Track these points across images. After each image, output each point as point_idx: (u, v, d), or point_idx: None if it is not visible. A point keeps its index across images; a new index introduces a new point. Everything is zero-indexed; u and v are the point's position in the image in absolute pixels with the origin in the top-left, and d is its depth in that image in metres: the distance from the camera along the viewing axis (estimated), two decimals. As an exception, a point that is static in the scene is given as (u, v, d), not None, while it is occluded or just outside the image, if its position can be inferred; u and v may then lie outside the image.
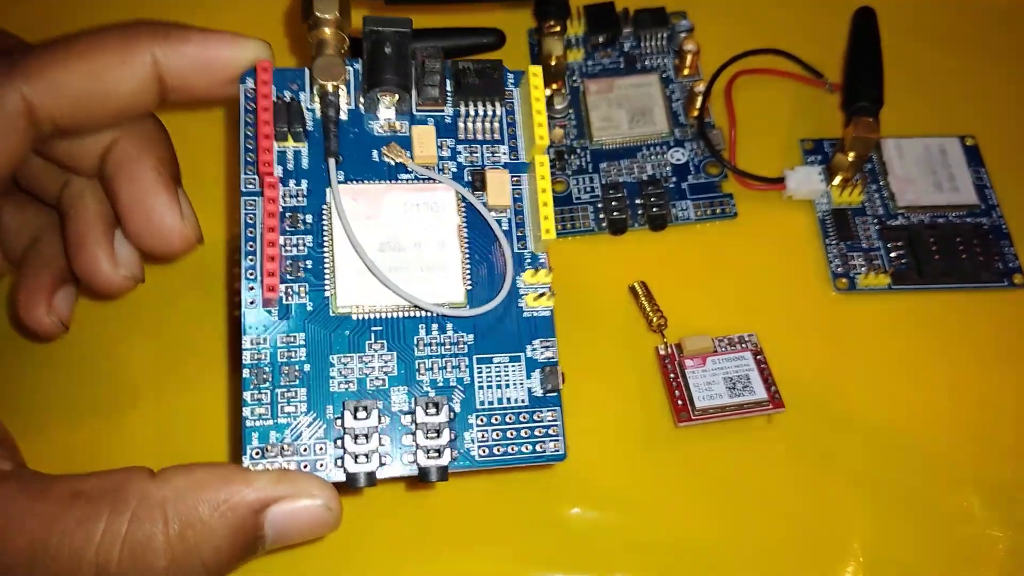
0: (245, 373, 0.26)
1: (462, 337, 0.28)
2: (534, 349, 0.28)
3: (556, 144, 0.43)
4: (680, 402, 0.36)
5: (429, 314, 0.27)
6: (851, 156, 0.39)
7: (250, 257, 0.26)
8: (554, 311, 0.29)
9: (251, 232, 0.27)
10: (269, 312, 0.26)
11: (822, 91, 0.44)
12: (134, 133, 0.29)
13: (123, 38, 0.26)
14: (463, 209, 0.29)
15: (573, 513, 0.35)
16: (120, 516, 0.22)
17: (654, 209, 0.41)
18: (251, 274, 0.26)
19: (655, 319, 0.38)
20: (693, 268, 0.40)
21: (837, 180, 0.41)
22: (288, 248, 0.27)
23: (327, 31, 0.28)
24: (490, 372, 0.28)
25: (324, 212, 0.28)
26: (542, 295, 0.28)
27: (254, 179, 0.27)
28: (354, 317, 0.27)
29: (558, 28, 0.42)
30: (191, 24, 0.27)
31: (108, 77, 0.26)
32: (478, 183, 0.29)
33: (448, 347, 0.28)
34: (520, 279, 0.28)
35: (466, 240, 0.28)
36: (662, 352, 0.37)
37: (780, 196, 0.41)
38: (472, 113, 0.30)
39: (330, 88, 0.28)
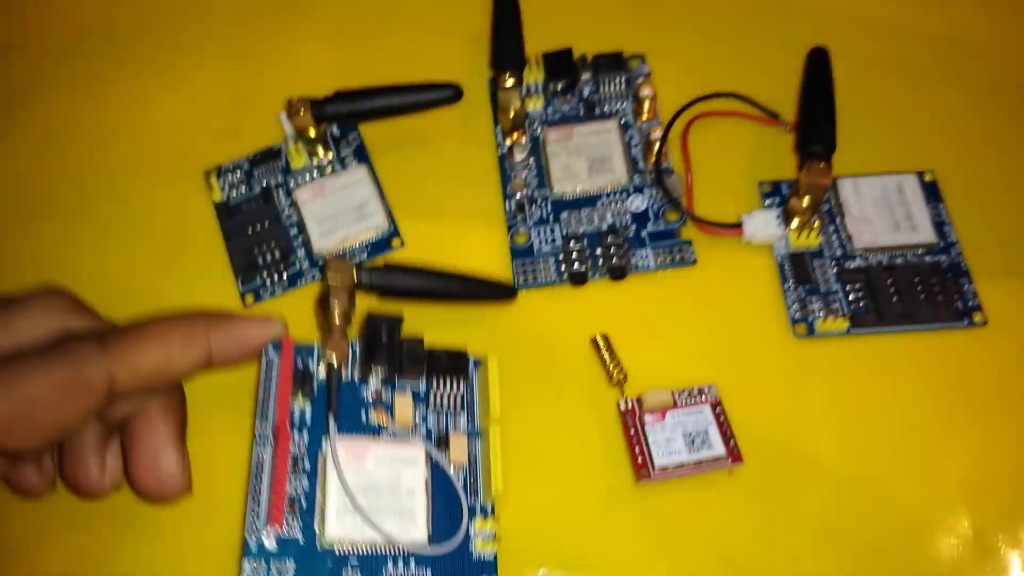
0: None
1: (423, 572, 0.33)
2: None
3: (515, 195, 0.43)
4: (640, 459, 0.36)
5: (396, 551, 0.32)
6: (806, 201, 0.39)
7: (254, 495, 0.31)
8: (498, 551, 0.34)
9: (259, 474, 0.32)
10: (267, 543, 0.31)
11: (780, 131, 0.44)
12: (164, 393, 0.33)
13: (187, 329, 0.32)
14: (430, 464, 0.34)
15: (540, 574, 0.35)
16: None
17: (614, 260, 0.41)
18: (255, 509, 0.31)
19: (615, 374, 0.38)
20: (654, 317, 0.40)
21: (795, 223, 0.41)
22: (288, 489, 0.33)
23: (337, 319, 0.35)
24: None
25: (319, 460, 0.33)
26: (488, 540, 0.34)
27: (267, 431, 0.33)
28: (336, 551, 0.32)
29: (512, 82, 0.42)
30: (231, 309, 0.34)
31: (174, 363, 0.31)
32: (443, 444, 0.35)
33: None
34: (472, 525, 0.34)
35: (431, 490, 0.34)
36: (622, 407, 0.37)
37: (739, 241, 0.41)
38: (441, 387, 0.36)
39: (335, 362, 0.34)
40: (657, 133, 0.43)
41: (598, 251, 0.41)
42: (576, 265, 0.41)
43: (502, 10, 0.45)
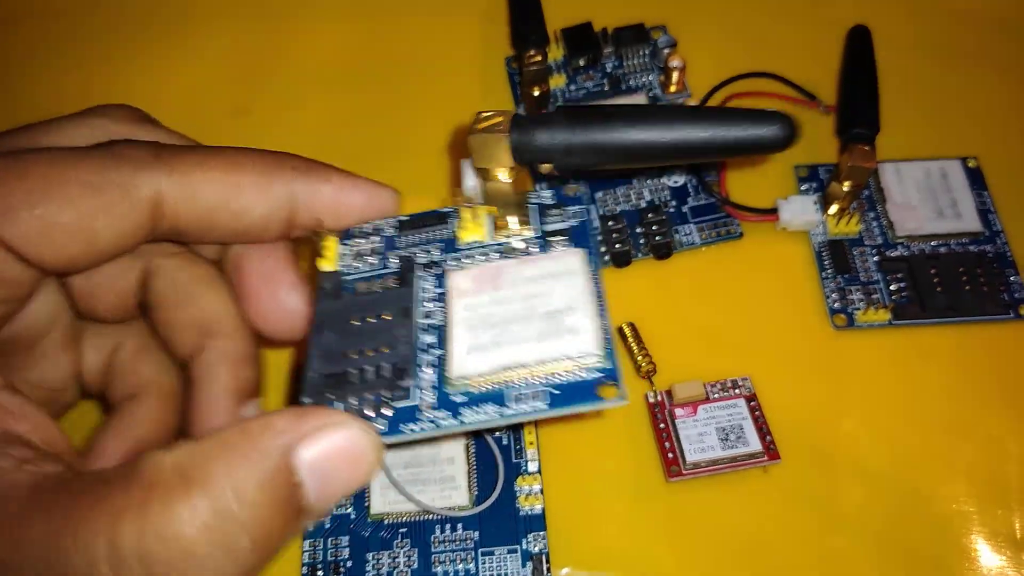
0: (304, 571, 0.33)
1: (470, 534, 0.34)
2: (528, 542, 0.33)
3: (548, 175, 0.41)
4: (671, 455, 0.34)
5: (442, 516, 0.34)
6: (847, 185, 0.37)
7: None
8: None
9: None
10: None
11: (817, 113, 0.42)
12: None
13: (267, 163, 0.26)
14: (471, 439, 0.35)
15: (563, 574, 0.33)
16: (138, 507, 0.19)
17: (657, 238, 0.39)
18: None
19: (644, 364, 0.36)
20: (687, 305, 0.38)
21: (833, 209, 0.39)
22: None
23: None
24: (491, 563, 0.33)
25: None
26: (531, 495, 0.34)
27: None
28: (386, 522, 0.34)
29: (539, 58, 0.40)
30: (333, 165, 0.27)
31: (244, 197, 0.25)
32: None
33: (458, 543, 0.33)
34: (515, 484, 0.34)
35: (473, 454, 0.35)
36: (651, 400, 0.36)
37: (774, 227, 0.39)
38: None
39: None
40: (675, 61, 0.41)
41: (639, 230, 0.39)
42: (618, 246, 0.39)
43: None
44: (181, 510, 0.18)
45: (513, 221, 0.26)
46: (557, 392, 0.22)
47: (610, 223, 0.39)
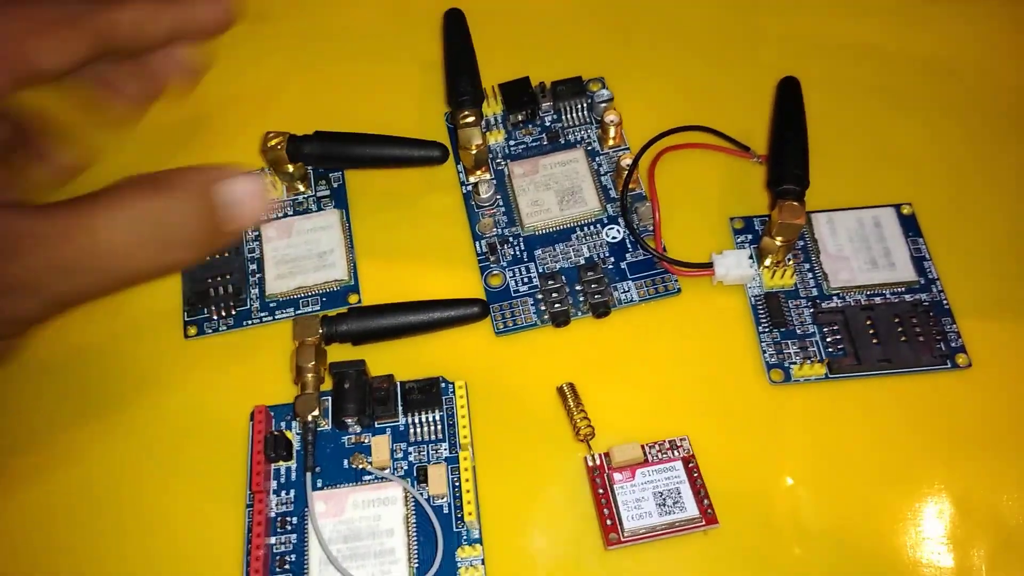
0: None
1: None
2: None
3: (486, 235, 0.41)
4: (609, 522, 0.34)
5: None
6: (779, 240, 0.37)
7: (246, 558, 0.34)
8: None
9: (250, 534, 0.34)
10: None
11: (750, 163, 0.42)
12: None
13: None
14: (411, 501, 0.35)
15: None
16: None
17: (596, 296, 0.39)
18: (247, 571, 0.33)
19: (583, 427, 0.36)
20: (627, 361, 0.38)
21: (768, 261, 0.39)
22: (278, 546, 0.35)
23: (309, 376, 0.36)
24: None
25: (306, 514, 0.35)
26: (472, 566, 0.34)
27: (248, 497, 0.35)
28: None
29: (471, 118, 0.40)
30: None
31: (145, 27, 0.34)
32: (422, 477, 0.35)
33: None
34: (456, 554, 0.34)
35: (413, 525, 0.35)
36: (590, 463, 0.35)
37: (711, 282, 0.39)
38: (418, 421, 0.37)
39: (309, 418, 0.35)
40: (627, 159, 0.41)
41: (578, 287, 0.39)
42: (557, 306, 0.39)
43: (454, 43, 0.43)
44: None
45: (299, 187, 0.43)
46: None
47: (550, 282, 0.39)
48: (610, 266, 0.40)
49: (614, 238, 0.41)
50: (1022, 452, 0.36)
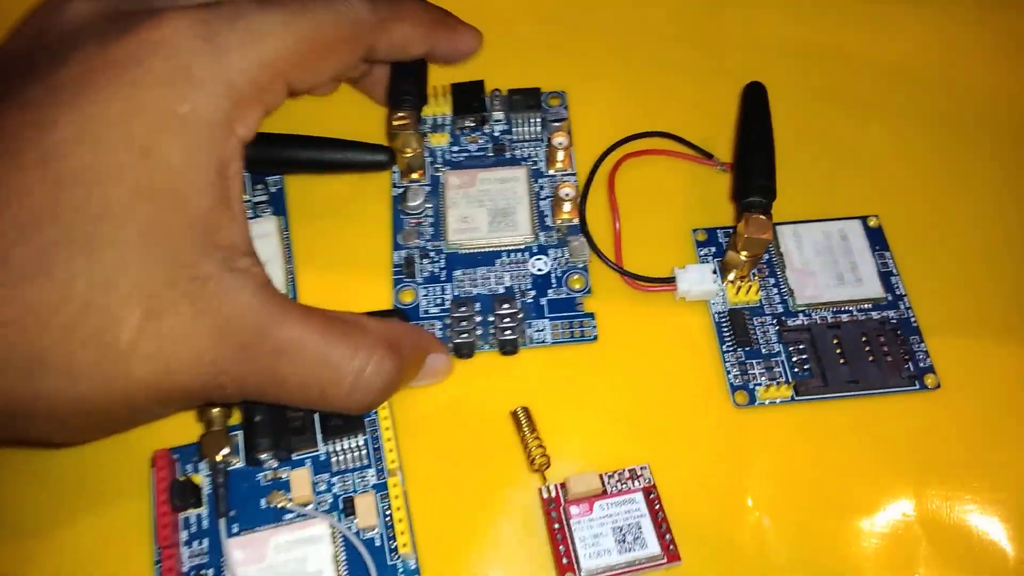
0: None
1: None
2: None
3: (406, 246, 0.38)
4: (565, 560, 0.31)
5: None
6: (744, 255, 0.36)
7: None
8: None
9: None
10: None
11: (714, 171, 0.40)
12: None
13: (433, 20, 0.37)
14: (339, 537, 0.32)
15: None
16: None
17: (506, 332, 0.35)
18: None
19: (537, 457, 0.33)
20: (580, 386, 0.36)
21: (732, 276, 0.37)
22: None
23: (214, 412, 0.33)
24: None
25: (223, 565, 0.32)
26: None
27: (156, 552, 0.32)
28: None
29: (406, 120, 0.37)
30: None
31: (413, 44, 0.36)
32: (349, 509, 0.33)
33: None
34: None
35: (343, 563, 0.32)
36: (545, 495, 0.33)
37: (672, 297, 0.37)
38: (340, 448, 0.34)
39: (219, 458, 0.33)
40: (566, 190, 0.38)
41: (490, 318, 0.36)
42: (464, 336, 0.35)
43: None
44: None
45: None
46: None
47: (461, 308, 0.36)
48: (530, 300, 0.37)
49: (540, 270, 0.38)
50: (992, 476, 0.34)
